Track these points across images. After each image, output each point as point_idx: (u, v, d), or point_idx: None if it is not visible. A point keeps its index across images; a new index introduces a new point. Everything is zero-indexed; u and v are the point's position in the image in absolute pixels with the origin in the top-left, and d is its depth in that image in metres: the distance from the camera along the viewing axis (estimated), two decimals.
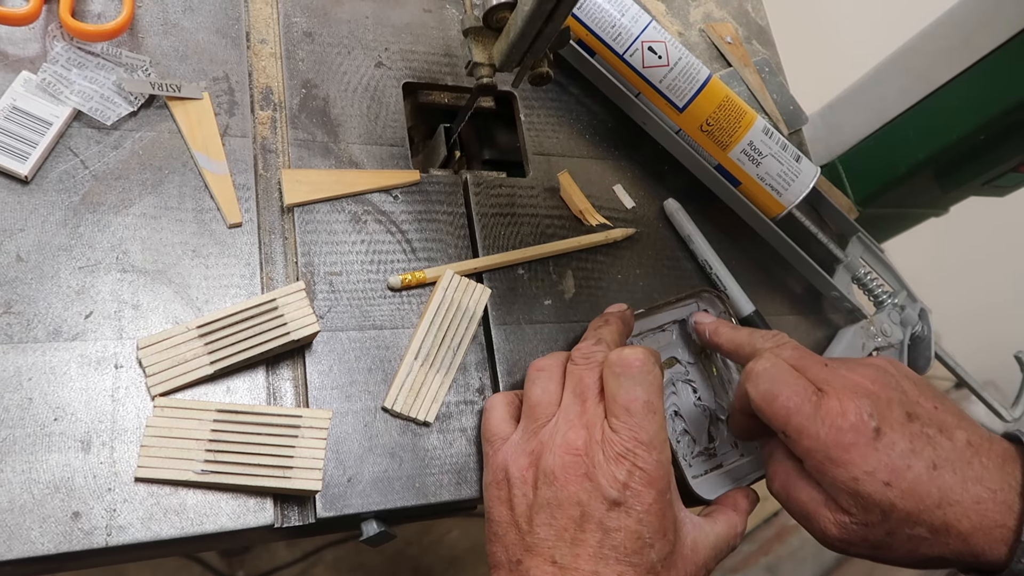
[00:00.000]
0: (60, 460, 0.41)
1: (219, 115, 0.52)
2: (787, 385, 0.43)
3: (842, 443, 0.41)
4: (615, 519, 0.41)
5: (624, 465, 0.42)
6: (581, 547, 0.41)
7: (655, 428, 0.43)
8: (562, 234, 0.60)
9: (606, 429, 0.43)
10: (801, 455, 0.43)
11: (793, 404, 0.43)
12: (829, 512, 0.43)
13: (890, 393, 0.43)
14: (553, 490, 0.42)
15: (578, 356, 0.47)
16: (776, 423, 0.43)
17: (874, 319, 0.66)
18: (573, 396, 0.46)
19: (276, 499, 0.45)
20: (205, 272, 0.48)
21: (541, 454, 0.44)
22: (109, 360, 0.44)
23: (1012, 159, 0.69)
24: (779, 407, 0.43)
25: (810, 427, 0.42)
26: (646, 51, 0.61)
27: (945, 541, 0.41)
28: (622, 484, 0.41)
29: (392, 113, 0.58)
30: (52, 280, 0.45)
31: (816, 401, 0.42)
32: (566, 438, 0.43)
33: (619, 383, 0.44)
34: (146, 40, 0.53)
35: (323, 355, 0.49)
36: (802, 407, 0.42)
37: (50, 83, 0.48)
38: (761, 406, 0.44)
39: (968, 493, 0.40)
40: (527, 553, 0.42)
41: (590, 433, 0.43)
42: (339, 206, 0.53)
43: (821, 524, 0.43)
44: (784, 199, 0.63)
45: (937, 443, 0.42)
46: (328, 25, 0.59)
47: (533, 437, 0.45)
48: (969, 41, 0.68)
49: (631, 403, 0.43)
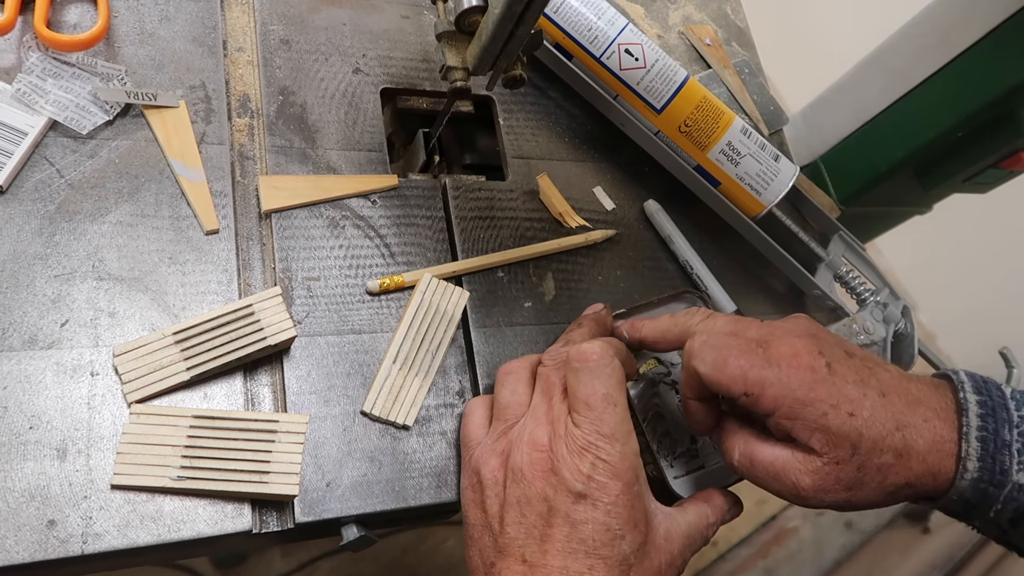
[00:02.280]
0: (35, 468, 0.41)
1: (196, 123, 0.53)
2: (733, 347, 0.43)
3: (805, 382, 0.42)
4: (582, 512, 0.41)
5: (587, 458, 0.42)
6: (549, 543, 0.41)
7: (616, 420, 0.43)
8: (542, 236, 0.60)
9: (568, 424, 0.43)
10: (767, 409, 0.43)
11: (746, 361, 0.43)
12: (798, 463, 0.43)
13: (825, 335, 0.44)
14: (521, 487, 0.43)
15: (547, 358, 0.48)
16: (735, 387, 0.43)
17: (856, 317, 0.66)
18: (541, 396, 0.46)
19: (254, 505, 0.45)
20: (182, 279, 0.48)
21: (510, 453, 0.44)
22: (85, 368, 0.44)
23: (991, 155, 0.70)
24: (732, 369, 0.43)
25: (770, 376, 0.42)
26: (623, 53, 0.61)
27: (908, 464, 0.42)
28: (586, 476, 0.41)
29: (370, 119, 0.58)
30: (27, 289, 0.45)
31: (765, 353, 0.43)
32: (532, 435, 0.44)
33: (578, 378, 0.44)
34: (122, 49, 0.53)
35: (301, 360, 0.49)
36: (755, 361, 0.43)
37: (25, 93, 0.48)
38: (714, 376, 0.44)
39: (916, 414, 0.42)
40: (499, 555, 0.42)
41: (554, 428, 0.43)
42: (317, 211, 0.54)
43: (792, 478, 0.43)
44: (764, 198, 0.63)
45: (877, 374, 0.43)
46: (305, 32, 0.59)
47: (502, 437, 0.46)
48: (945, 39, 0.68)
49: (590, 397, 0.43)
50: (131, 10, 0.54)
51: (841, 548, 1.72)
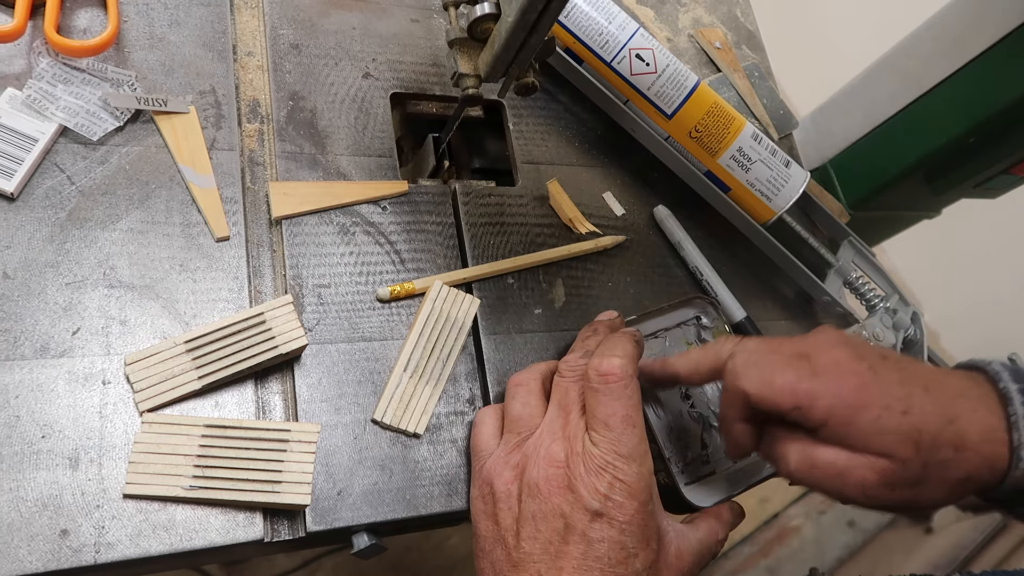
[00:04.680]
0: (48, 477, 0.41)
1: (206, 129, 0.52)
2: (776, 363, 0.43)
3: (853, 387, 0.41)
4: (598, 530, 0.41)
5: (605, 477, 0.42)
6: (565, 559, 0.41)
7: (635, 441, 0.43)
8: (552, 243, 0.60)
9: (586, 442, 0.43)
10: (820, 420, 0.42)
11: (792, 375, 0.42)
12: (863, 459, 0.41)
13: (855, 341, 0.44)
14: (537, 502, 0.43)
15: (565, 368, 0.47)
16: (785, 402, 0.42)
17: (866, 323, 0.66)
18: (558, 409, 0.46)
19: (266, 513, 0.45)
20: (193, 286, 0.48)
21: (525, 467, 0.44)
22: (97, 376, 0.44)
23: (1003, 161, 0.69)
24: (780, 384, 0.42)
25: (818, 387, 0.41)
26: (634, 58, 0.61)
27: (965, 456, 0.41)
28: (603, 496, 0.41)
29: (380, 124, 0.58)
30: (39, 297, 0.45)
31: (808, 365, 0.42)
32: (549, 451, 0.44)
33: (597, 398, 0.44)
34: (132, 55, 0.53)
35: (312, 368, 0.49)
36: (801, 374, 0.42)
37: (36, 99, 0.48)
38: (762, 393, 0.43)
39: (963, 405, 0.41)
40: (514, 569, 0.42)
41: (571, 445, 0.43)
42: (327, 218, 0.53)
43: (859, 475, 0.41)
44: (774, 204, 0.63)
45: (914, 371, 0.42)
46: (315, 37, 0.59)
47: (516, 451, 0.46)
48: (958, 43, 0.68)
49: (609, 418, 0.43)
50: (141, 15, 0.54)
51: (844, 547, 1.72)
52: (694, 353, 0.50)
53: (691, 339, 0.57)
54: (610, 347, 0.46)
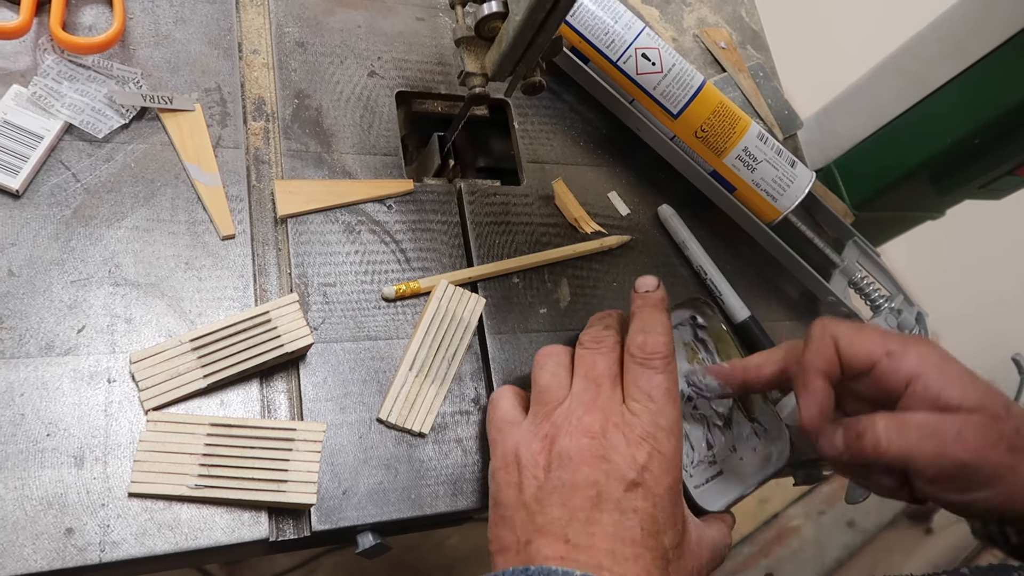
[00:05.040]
0: (53, 476, 0.41)
1: (211, 126, 0.52)
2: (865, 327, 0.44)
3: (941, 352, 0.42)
4: (632, 500, 0.41)
5: (644, 448, 0.42)
6: (597, 526, 0.40)
7: (675, 414, 0.43)
8: (557, 242, 0.59)
9: (625, 413, 0.43)
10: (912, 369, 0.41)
11: (880, 332, 0.44)
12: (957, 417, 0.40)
13: None
14: (568, 472, 0.42)
15: (588, 340, 0.47)
16: (875, 348, 0.43)
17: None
18: (586, 381, 0.45)
19: (271, 512, 0.45)
20: (198, 285, 0.48)
21: (555, 437, 0.43)
22: (102, 374, 0.44)
23: (1008, 162, 0.69)
24: (871, 333, 0.43)
25: (909, 343, 0.42)
26: (640, 58, 0.61)
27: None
28: (641, 466, 0.41)
29: (385, 122, 0.58)
30: (44, 294, 0.45)
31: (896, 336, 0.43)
32: (582, 421, 0.43)
33: (642, 371, 0.44)
34: (137, 52, 0.53)
35: (317, 367, 0.49)
36: (888, 333, 0.43)
37: (41, 96, 0.48)
38: (853, 338, 0.43)
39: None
40: (537, 533, 0.41)
41: (607, 416, 0.43)
42: (333, 216, 0.53)
43: (954, 429, 0.40)
44: (780, 204, 0.63)
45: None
46: (320, 35, 0.59)
47: (545, 421, 0.45)
48: (964, 45, 0.68)
49: (653, 390, 0.43)
50: (146, 12, 0.54)
51: (843, 547, 1.72)
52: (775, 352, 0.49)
53: (687, 339, 0.57)
54: (651, 324, 0.46)
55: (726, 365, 0.51)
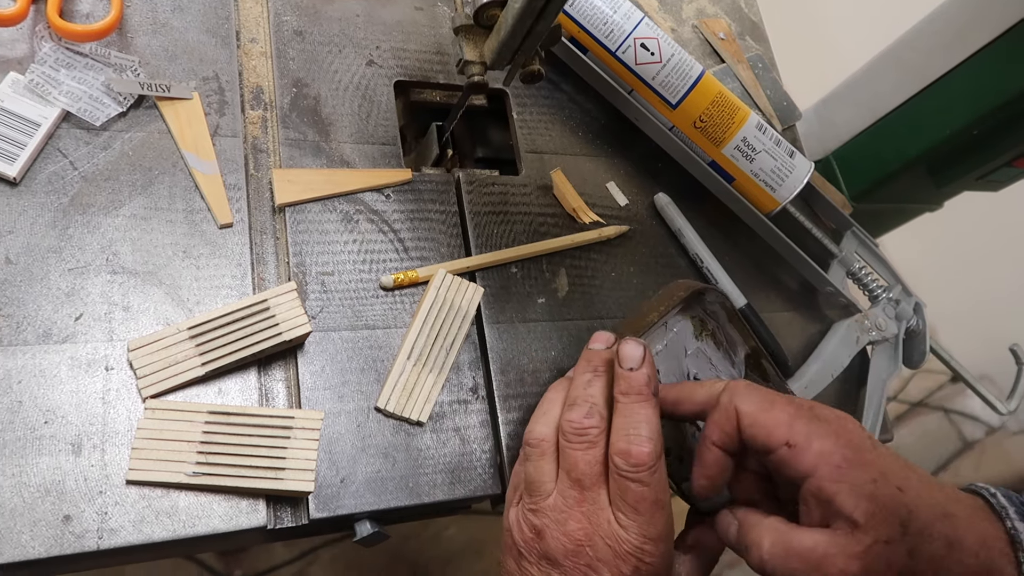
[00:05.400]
0: (51, 463, 0.41)
1: (209, 115, 0.52)
2: (778, 398, 0.42)
3: (853, 444, 0.39)
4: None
5: (631, 562, 0.41)
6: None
7: (663, 523, 0.42)
8: (555, 232, 0.59)
9: (612, 524, 0.42)
10: (808, 467, 0.39)
11: (793, 409, 0.41)
12: (843, 545, 0.38)
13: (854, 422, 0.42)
14: (557, 573, 0.42)
15: (570, 431, 0.44)
16: (777, 434, 0.40)
17: (868, 313, 0.66)
18: (569, 480, 0.43)
19: (269, 500, 0.45)
20: (196, 273, 0.48)
21: (543, 534, 0.43)
22: (100, 362, 0.44)
23: (1006, 154, 0.69)
24: (779, 414, 0.41)
25: (817, 429, 0.40)
26: (639, 48, 0.61)
27: (960, 558, 0.38)
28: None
29: (384, 112, 0.58)
30: (41, 282, 0.45)
31: (810, 410, 0.41)
32: (566, 527, 0.42)
33: (627, 485, 0.41)
34: (135, 40, 0.52)
35: (315, 355, 0.49)
36: (800, 414, 0.40)
37: (38, 84, 0.48)
38: (759, 419, 0.41)
39: (960, 506, 0.39)
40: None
41: (592, 524, 0.42)
42: (331, 205, 0.53)
43: (839, 564, 0.38)
44: (778, 195, 0.63)
45: (914, 465, 0.41)
46: (319, 23, 0.59)
47: (534, 514, 0.44)
48: (962, 37, 0.68)
49: (639, 503, 0.41)
50: (144, 0, 0.54)
51: None
52: (685, 386, 0.47)
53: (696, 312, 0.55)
54: (635, 425, 0.43)
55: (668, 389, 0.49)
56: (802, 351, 0.66)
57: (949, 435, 1.90)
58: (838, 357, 0.64)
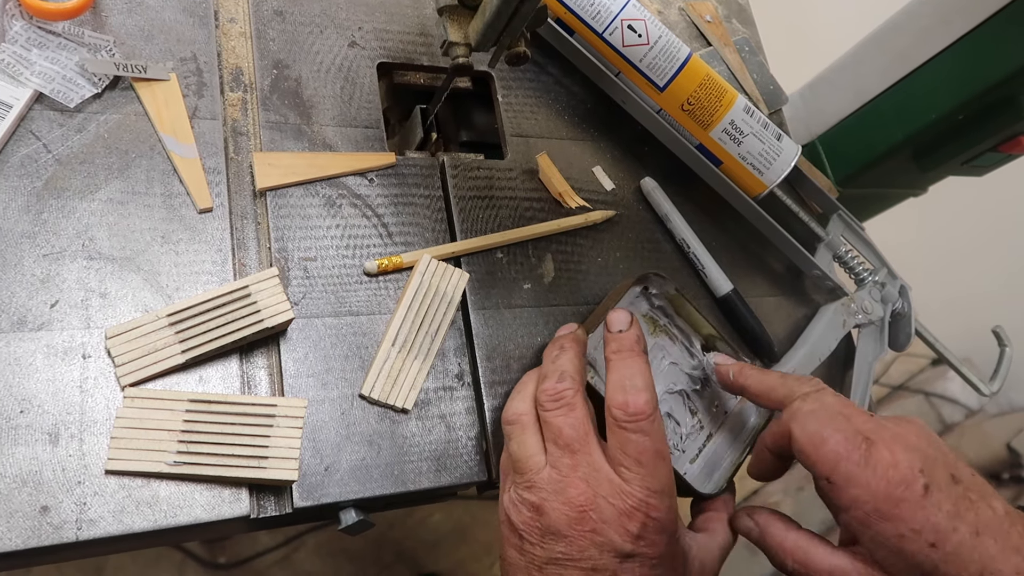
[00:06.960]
0: (27, 453, 0.40)
1: (187, 97, 0.51)
2: (837, 429, 0.41)
3: (892, 496, 0.39)
4: (628, 570, 0.41)
5: (637, 518, 0.41)
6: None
7: (666, 474, 0.42)
8: (541, 217, 0.59)
9: (615, 481, 0.42)
10: (845, 505, 0.40)
11: (843, 449, 0.40)
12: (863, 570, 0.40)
13: (935, 452, 0.41)
14: (562, 546, 0.41)
15: (546, 399, 0.44)
16: (822, 468, 0.41)
17: (855, 296, 0.66)
18: (557, 448, 0.43)
19: (252, 489, 0.44)
20: (175, 259, 0.47)
21: (542, 509, 0.42)
22: (76, 350, 0.43)
23: (991, 139, 0.69)
24: (827, 451, 0.41)
25: (860, 475, 0.40)
26: (626, 30, 0.60)
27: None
28: (635, 536, 0.41)
29: (366, 94, 0.57)
30: (15, 268, 0.43)
31: (866, 450, 0.40)
32: (567, 495, 0.42)
33: (627, 436, 0.42)
34: (110, 19, 0.51)
35: (298, 342, 0.48)
36: (852, 454, 0.40)
37: (9, 64, 0.46)
38: (806, 449, 0.42)
39: (1009, 562, 0.38)
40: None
41: (592, 486, 0.42)
42: (313, 190, 0.52)
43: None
44: (766, 178, 0.63)
45: (979, 508, 0.39)
46: (300, 3, 0.57)
47: (528, 491, 0.43)
48: (948, 20, 0.67)
49: (642, 455, 0.41)
50: None
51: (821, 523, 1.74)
52: (771, 377, 0.49)
53: (644, 310, 0.56)
54: (631, 377, 0.44)
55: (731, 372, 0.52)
56: (789, 335, 0.66)
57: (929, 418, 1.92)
58: (825, 341, 0.64)
